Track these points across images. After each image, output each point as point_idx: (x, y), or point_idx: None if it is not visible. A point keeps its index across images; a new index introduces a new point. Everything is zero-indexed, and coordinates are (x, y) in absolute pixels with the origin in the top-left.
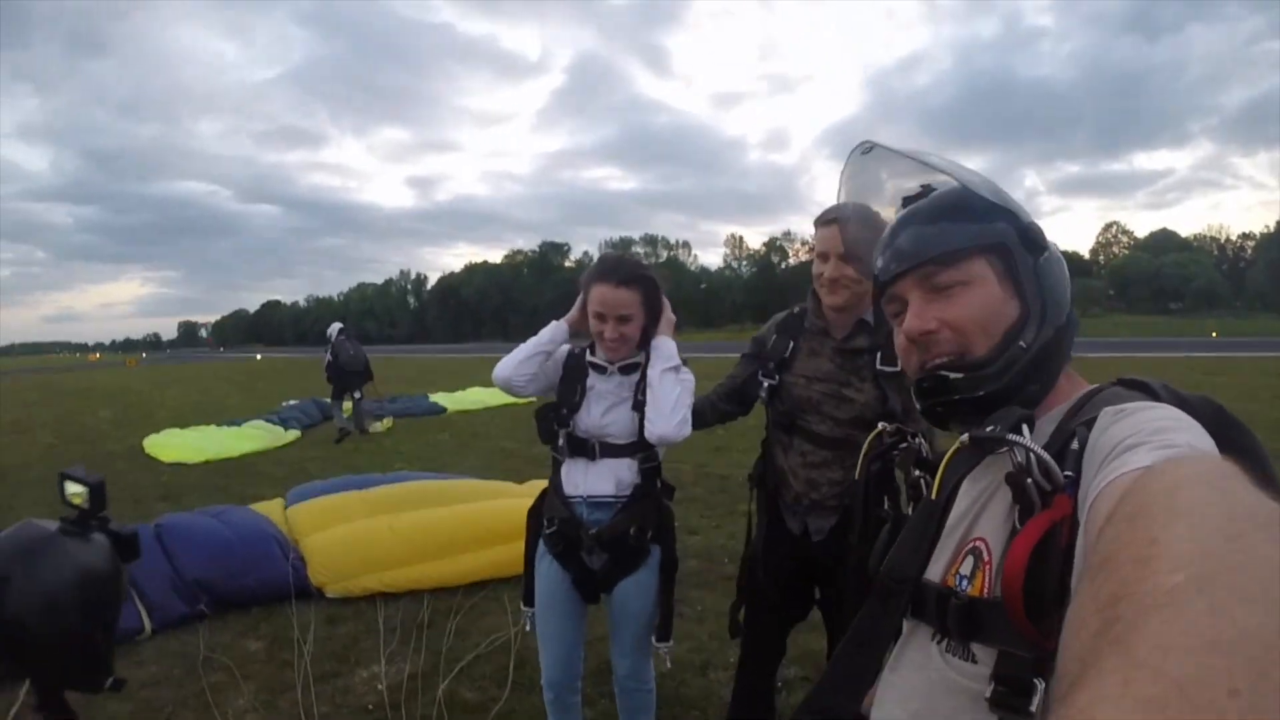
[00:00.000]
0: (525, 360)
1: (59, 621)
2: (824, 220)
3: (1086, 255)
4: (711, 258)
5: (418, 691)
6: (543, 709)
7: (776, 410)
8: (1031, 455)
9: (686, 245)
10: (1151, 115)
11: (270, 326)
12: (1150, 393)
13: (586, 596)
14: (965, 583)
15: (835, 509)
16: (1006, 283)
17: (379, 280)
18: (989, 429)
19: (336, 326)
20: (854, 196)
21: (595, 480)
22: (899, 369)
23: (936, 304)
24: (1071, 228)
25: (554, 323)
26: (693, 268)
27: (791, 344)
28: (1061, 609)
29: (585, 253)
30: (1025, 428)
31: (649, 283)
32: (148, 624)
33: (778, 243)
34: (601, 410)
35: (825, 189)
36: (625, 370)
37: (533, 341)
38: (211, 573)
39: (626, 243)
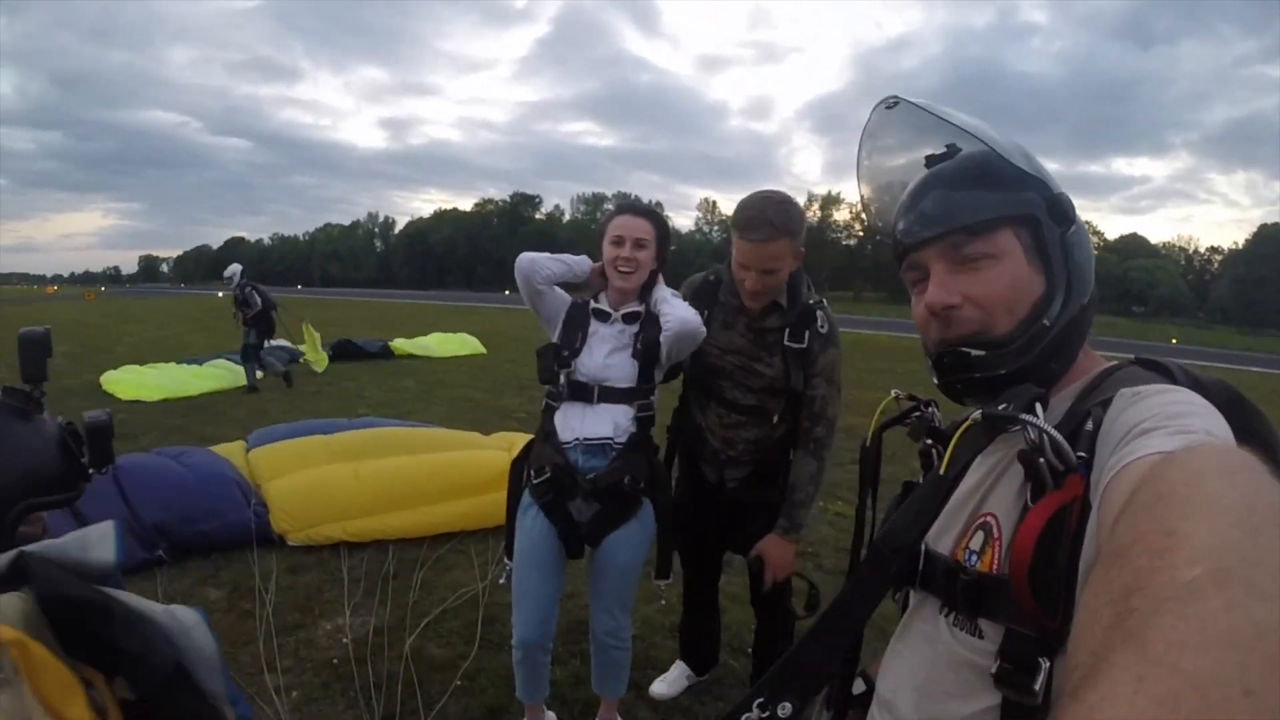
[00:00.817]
0: (552, 262)
1: None
2: (746, 230)
3: None
4: (684, 220)
5: (384, 646)
6: (510, 665)
7: (691, 373)
8: (1045, 435)
9: (659, 206)
10: (1134, 122)
11: (232, 263)
12: (1168, 374)
13: (570, 550)
14: (975, 558)
15: (749, 462)
16: (1033, 257)
17: (346, 222)
18: (1002, 407)
19: (238, 268)
20: (875, 154)
21: (593, 423)
22: (805, 346)
23: (961, 277)
24: None
25: (583, 256)
26: None
27: (706, 313)
28: (1069, 591)
29: (556, 206)
30: (1039, 406)
31: (663, 221)
32: None
33: None
34: (604, 354)
35: (804, 160)
36: (628, 319)
37: (562, 257)
38: (170, 517)
39: (599, 199)
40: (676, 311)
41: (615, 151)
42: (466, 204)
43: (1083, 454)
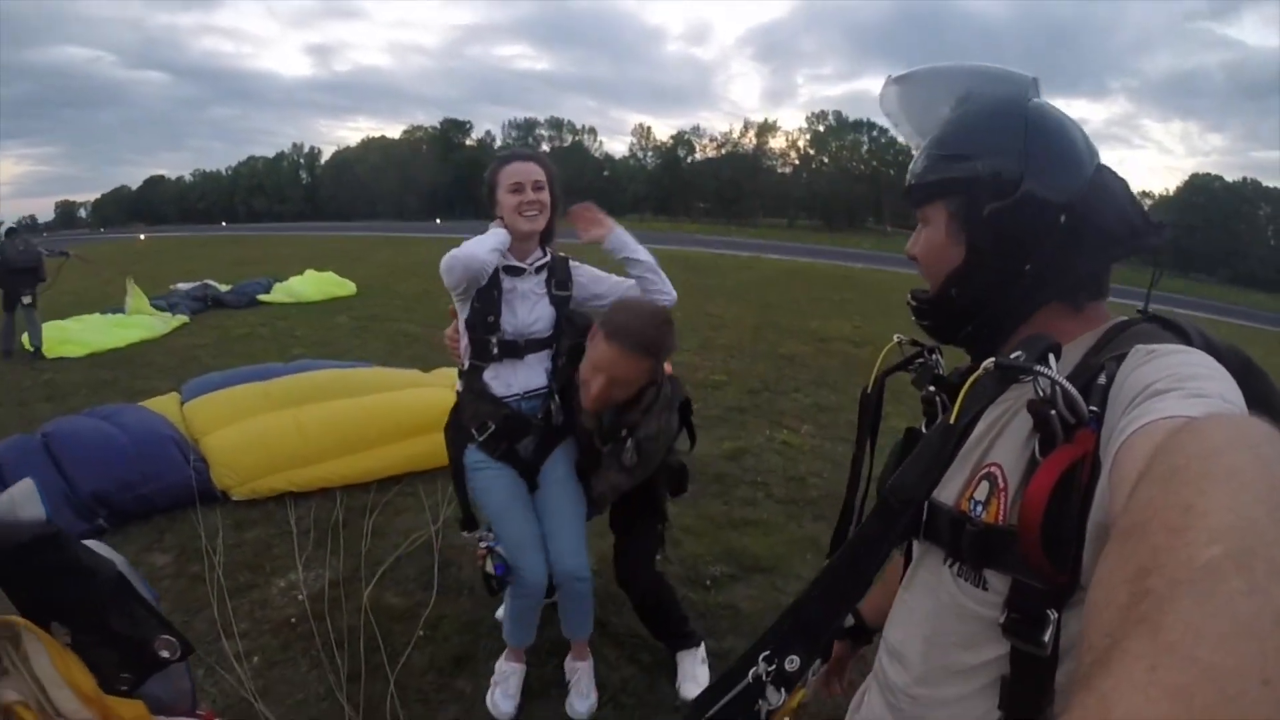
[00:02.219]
0: (488, 251)
1: None
2: (620, 337)
3: None
4: (617, 146)
5: (340, 600)
6: (470, 611)
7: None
8: (1057, 387)
9: (592, 131)
10: (1076, 65)
11: (154, 204)
12: (1182, 334)
13: (530, 487)
14: (980, 508)
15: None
16: (956, 229)
17: (270, 154)
18: (1015, 355)
19: (3, 227)
20: (920, 124)
21: (526, 376)
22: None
23: (918, 233)
24: None
25: (493, 226)
26: (597, 154)
27: None
28: (1078, 547)
29: (488, 132)
30: (1052, 357)
31: (551, 164)
32: None
33: (685, 136)
34: (527, 309)
35: (742, 87)
36: (538, 269)
37: (496, 237)
38: (108, 483)
39: (531, 124)
40: (654, 281)
41: (550, 76)
42: (395, 132)
43: (1094, 408)
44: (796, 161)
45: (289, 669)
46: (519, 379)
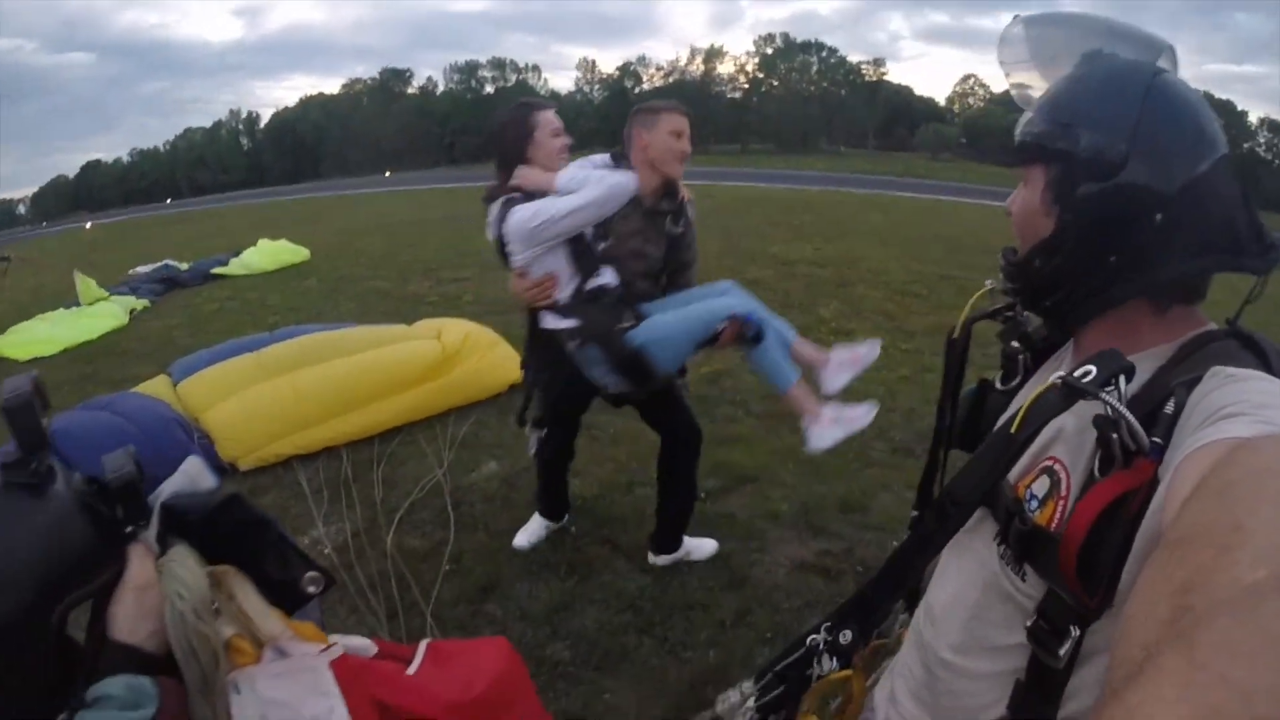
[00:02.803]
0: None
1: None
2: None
3: (942, 103)
4: (563, 82)
5: (365, 548)
6: (488, 543)
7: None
8: (1122, 421)
9: (536, 69)
10: None
11: (94, 190)
12: (1263, 357)
13: None
14: (1035, 504)
15: None
16: (1049, 199)
17: (208, 124)
18: (1085, 370)
19: None
20: (1042, 73)
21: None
22: (683, 230)
23: (1018, 191)
24: (930, 76)
25: (625, 177)
26: (543, 91)
27: None
28: (1113, 576)
29: (429, 78)
30: (1122, 380)
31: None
32: None
33: (631, 67)
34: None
35: (686, 14)
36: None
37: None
38: None
39: (472, 66)
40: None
41: (488, 15)
42: (333, 86)
43: (1157, 439)
44: (746, 86)
45: (329, 617)
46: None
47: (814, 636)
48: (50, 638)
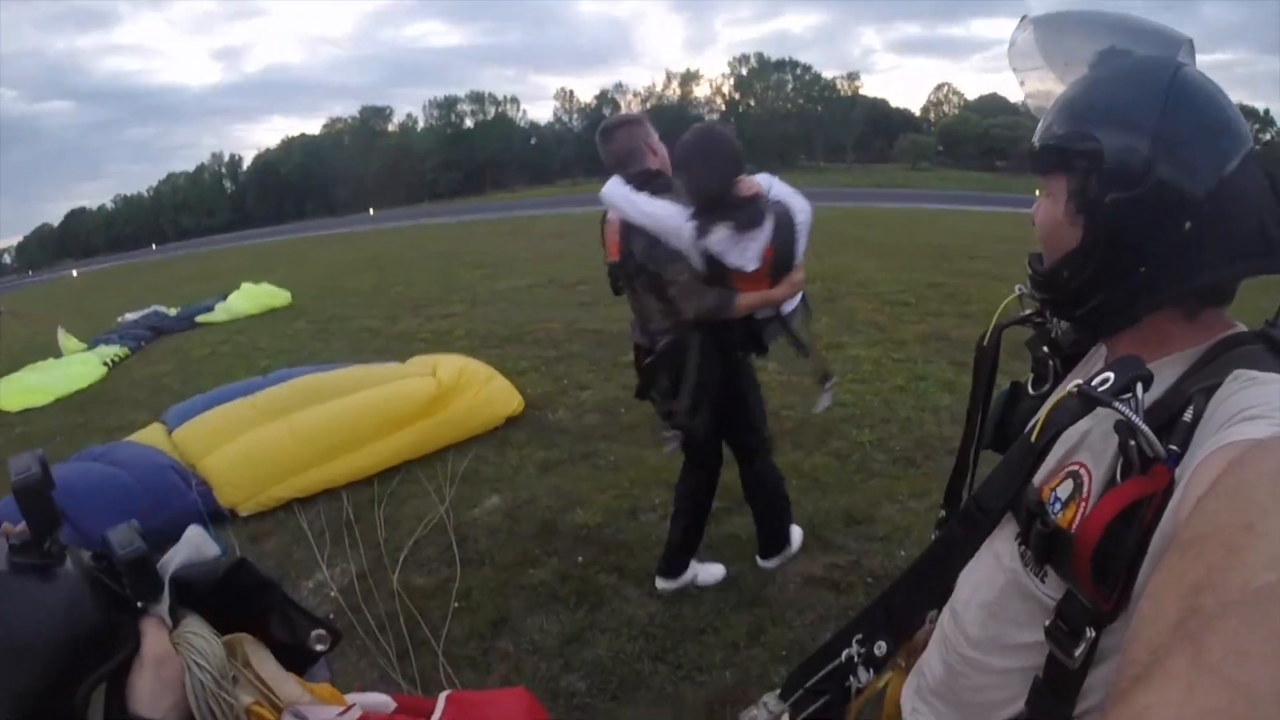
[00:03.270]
0: None
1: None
2: None
3: (917, 113)
4: (542, 112)
5: (371, 589)
6: (495, 578)
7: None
8: (1138, 431)
9: (515, 101)
10: None
11: (79, 238)
12: None
13: None
14: (1058, 506)
15: None
16: (1076, 208)
17: (191, 168)
18: (1102, 378)
19: None
20: (1057, 75)
21: None
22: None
23: (1040, 201)
24: (904, 87)
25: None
26: (522, 124)
27: None
28: (1128, 579)
29: (409, 115)
30: (1140, 387)
31: None
32: None
33: (609, 95)
34: None
35: (662, 40)
36: None
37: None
38: (117, 523)
39: (451, 101)
40: None
41: (465, 50)
42: (315, 127)
43: (1174, 447)
44: (723, 107)
45: (339, 661)
46: None
47: (847, 650)
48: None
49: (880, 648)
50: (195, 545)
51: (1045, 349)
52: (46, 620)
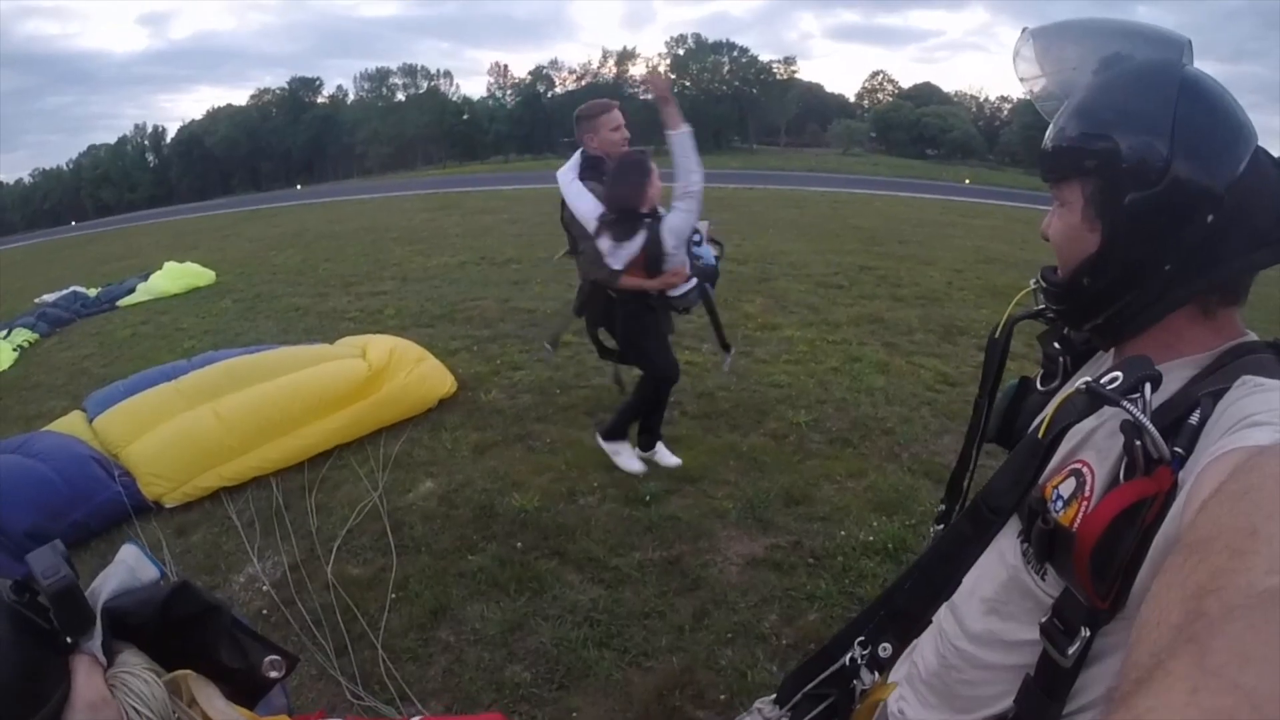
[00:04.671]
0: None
1: None
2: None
3: (852, 99)
4: (475, 87)
5: (305, 581)
6: (432, 565)
7: None
8: (1145, 431)
9: (448, 75)
10: None
11: None
12: None
13: None
14: (1060, 504)
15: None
16: (1093, 213)
17: (112, 139)
18: (1110, 377)
19: None
20: (1061, 85)
21: None
22: None
23: (1053, 212)
24: (840, 73)
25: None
26: (455, 98)
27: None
28: (1125, 580)
29: (339, 86)
30: (1148, 388)
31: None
32: None
33: (544, 71)
34: None
35: (598, 16)
36: None
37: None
38: (39, 518)
39: (384, 73)
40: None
41: (399, 20)
42: (242, 98)
43: (1179, 449)
44: None
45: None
46: None
47: (849, 653)
48: None
49: (885, 649)
50: (130, 567)
51: (1056, 345)
52: None
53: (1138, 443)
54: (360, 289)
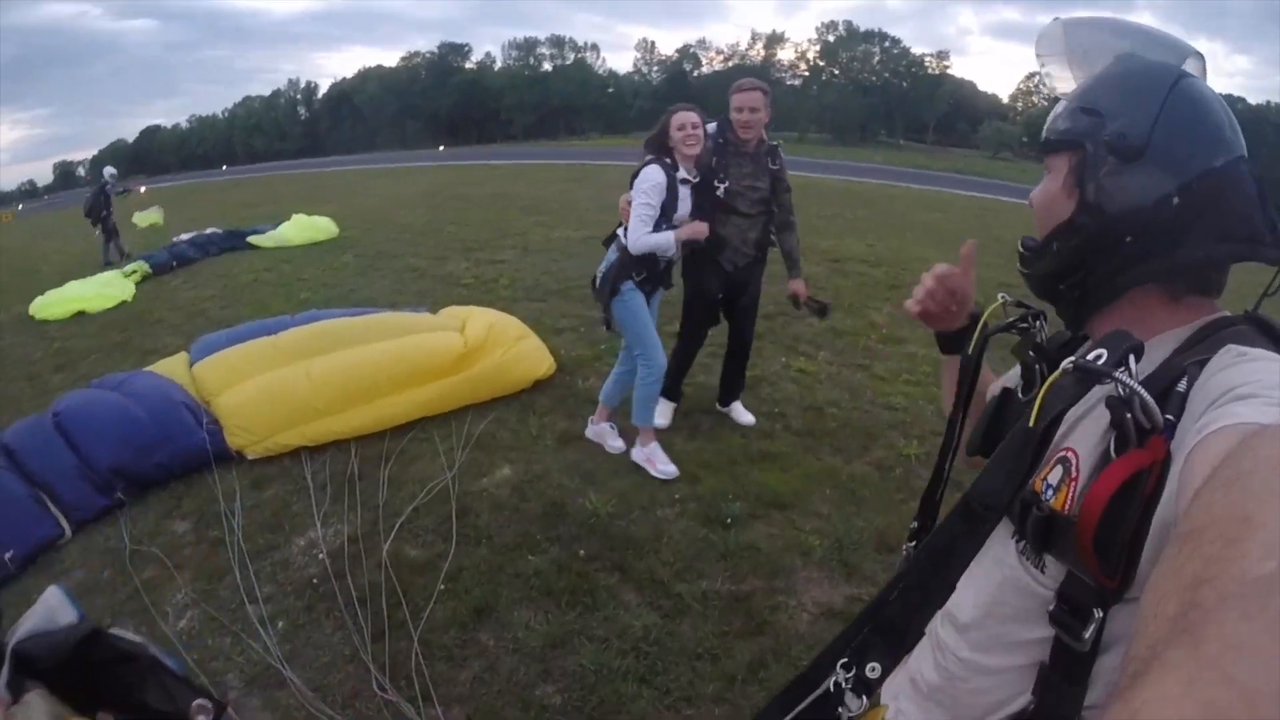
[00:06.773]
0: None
1: None
2: (741, 88)
3: (1005, 100)
4: (621, 62)
5: (360, 556)
6: (489, 559)
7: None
8: (1135, 397)
9: (595, 48)
10: None
11: (152, 155)
12: (1278, 341)
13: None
14: (1050, 493)
15: (751, 253)
16: (1071, 182)
17: (266, 92)
18: (1096, 354)
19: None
20: (1074, 71)
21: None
22: (779, 167)
23: (1042, 182)
24: (995, 72)
25: (669, 235)
26: (601, 71)
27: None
28: (1132, 555)
29: (488, 53)
30: (1132, 359)
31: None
32: (67, 527)
33: (691, 50)
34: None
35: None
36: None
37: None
38: (123, 456)
39: (531, 43)
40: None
41: None
42: (392, 59)
43: (1170, 416)
44: (806, 73)
45: (314, 631)
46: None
47: (832, 677)
48: None
49: (874, 669)
50: (50, 609)
51: (1031, 354)
52: None
53: (1128, 415)
54: (480, 255)
